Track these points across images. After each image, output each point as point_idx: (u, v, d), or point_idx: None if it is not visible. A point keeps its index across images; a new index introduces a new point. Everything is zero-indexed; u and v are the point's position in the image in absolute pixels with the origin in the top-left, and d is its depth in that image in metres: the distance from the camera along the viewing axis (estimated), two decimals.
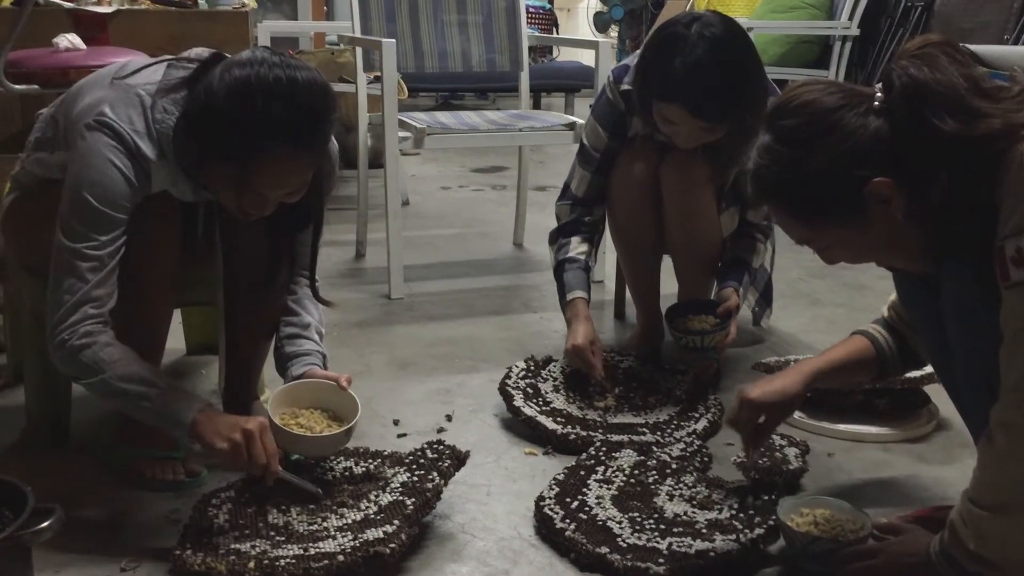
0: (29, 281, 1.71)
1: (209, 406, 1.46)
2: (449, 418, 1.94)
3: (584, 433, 1.81)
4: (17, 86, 2.39)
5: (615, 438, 1.78)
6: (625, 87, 2.02)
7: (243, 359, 1.77)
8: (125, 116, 1.46)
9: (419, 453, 1.60)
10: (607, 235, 2.26)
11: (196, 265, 1.69)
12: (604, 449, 1.71)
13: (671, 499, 1.57)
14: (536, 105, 6.33)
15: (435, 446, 1.61)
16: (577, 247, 2.09)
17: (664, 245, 2.15)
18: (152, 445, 1.64)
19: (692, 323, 2.00)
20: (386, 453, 1.64)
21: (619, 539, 1.44)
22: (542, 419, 1.85)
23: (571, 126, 2.75)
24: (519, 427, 1.88)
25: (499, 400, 1.96)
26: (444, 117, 2.83)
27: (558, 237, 2.14)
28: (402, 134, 2.62)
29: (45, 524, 1.23)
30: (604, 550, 1.41)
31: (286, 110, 1.40)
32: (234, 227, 1.63)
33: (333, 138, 1.55)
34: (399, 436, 1.86)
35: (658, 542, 1.43)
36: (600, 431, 1.83)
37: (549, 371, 2.02)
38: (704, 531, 1.46)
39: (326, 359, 1.70)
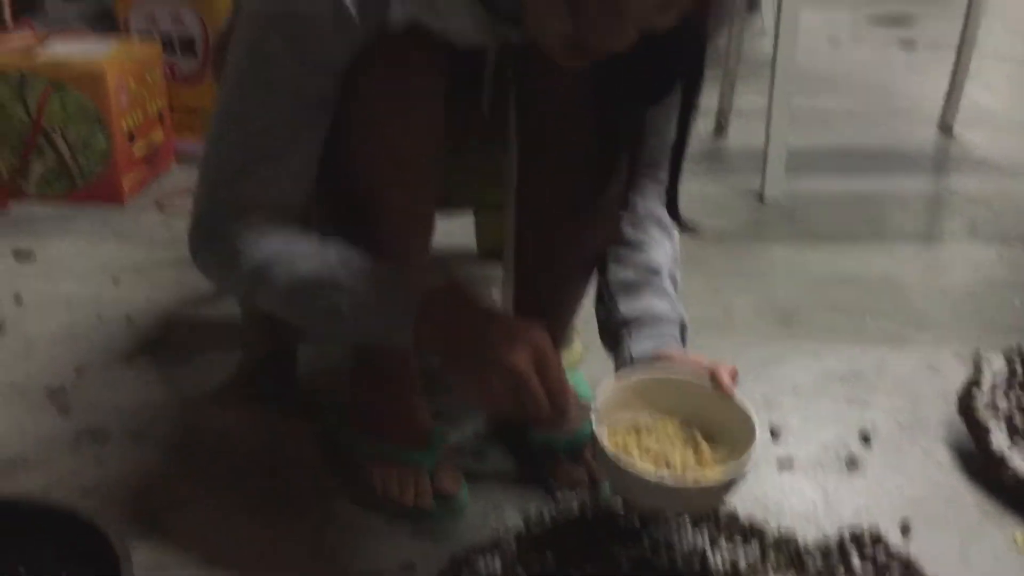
0: None
1: (447, 288, 0.81)
2: (866, 439, 1.16)
3: None
4: None
5: None
6: None
7: (543, 310, 1.09)
8: None
9: (832, 551, 0.86)
10: None
11: (469, 151, 1.02)
12: None
13: None
14: None
15: (860, 539, 0.87)
16: None
17: None
18: (390, 436, 1.02)
19: None
20: (772, 538, 0.92)
21: None
22: None
23: None
24: (995, 484, 1.06)
25: (945, 414, 1.18)
26: None
27: None
28: None
29: None
30: None
31: None
32: (544, 95, 0.92)
33: None
34: (780, 468, 1.11)
35: None
36: None
37: None
38: None
39: (686, 329, 0.97)
